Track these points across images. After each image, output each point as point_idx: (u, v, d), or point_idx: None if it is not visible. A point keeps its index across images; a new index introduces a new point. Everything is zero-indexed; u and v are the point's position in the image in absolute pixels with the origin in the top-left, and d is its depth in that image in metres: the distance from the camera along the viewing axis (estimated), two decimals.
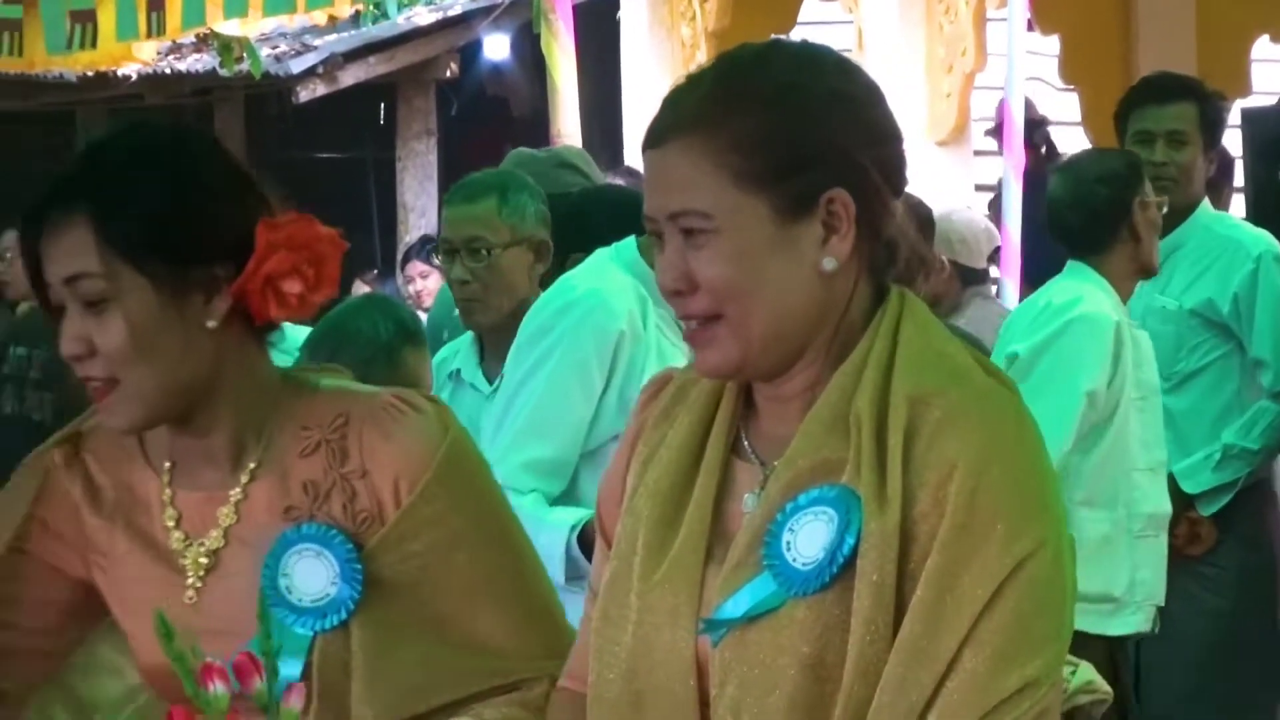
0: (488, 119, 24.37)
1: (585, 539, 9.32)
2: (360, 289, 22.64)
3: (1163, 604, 11.92)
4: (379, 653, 5.05)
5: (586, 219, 12.27)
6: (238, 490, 5.13)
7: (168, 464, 5.19)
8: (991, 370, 4.96)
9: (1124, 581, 11.74)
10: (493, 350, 11.79)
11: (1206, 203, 13.04)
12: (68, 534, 5.27)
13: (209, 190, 5.17)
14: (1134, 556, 11.84)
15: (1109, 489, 12.01)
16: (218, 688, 4.58)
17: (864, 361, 4.75)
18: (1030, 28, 17.39)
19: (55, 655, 5.50)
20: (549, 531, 9.37)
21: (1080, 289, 11.94)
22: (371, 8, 21.42)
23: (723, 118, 4.71)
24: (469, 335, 12.35)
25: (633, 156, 19.14)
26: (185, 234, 4.99)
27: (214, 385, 5.12)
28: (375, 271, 26.53)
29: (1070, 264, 12.07)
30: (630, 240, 10.65)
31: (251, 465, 5.15)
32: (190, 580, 5.09)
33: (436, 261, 18.11)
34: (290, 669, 4.93)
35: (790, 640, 4.55)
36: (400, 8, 23.57)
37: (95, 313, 4.88)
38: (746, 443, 4.92)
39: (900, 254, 4.87)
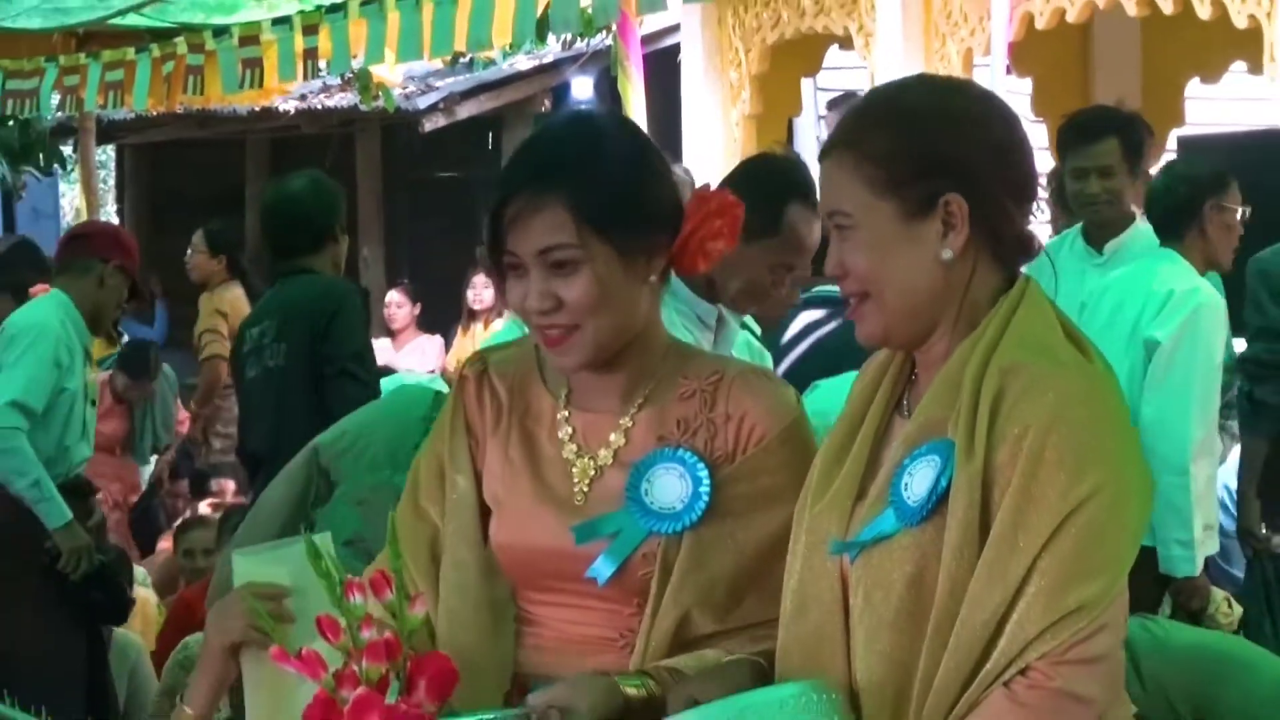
0: None
1: None
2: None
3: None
4: (697, 565, 5.07)
5: None
6: (627, 419, 5.22)
7: (565, 390, 5.29)
8: (1083, 346, 5.06)
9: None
10: None
11: (1141, 219, 12.51)
12: (477, 436, 5.35)
13: (655, 171, 5.34)
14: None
15: (1212, 441, 12.00)
16: (356, 599, 4.77)
17: (980, 336, 4.90)
18: (1009, 71, 16.88)
19: None
20: None
21: (1188, 274, 11.60)
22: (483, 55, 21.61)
23: (860, 135, 4.99)
24: None
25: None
26: (643, 209, 5.12)
27: (637, 330, 5.22)
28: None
29: (1161, 249, 11.83)
30: None
31: (640, 400, 5.23)
32: (577, 485, 5.17)
33: None
34: (607, 567, 5.06)
35: (898, 561, 4.79)
36: (505, 55, 23.87)
37: (564, 274, 4.99)
38: (905, 401, 5.11)
39: (1029, 248, 5.06)
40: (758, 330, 10.19)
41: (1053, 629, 4.71)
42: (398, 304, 24.03)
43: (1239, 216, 12.29)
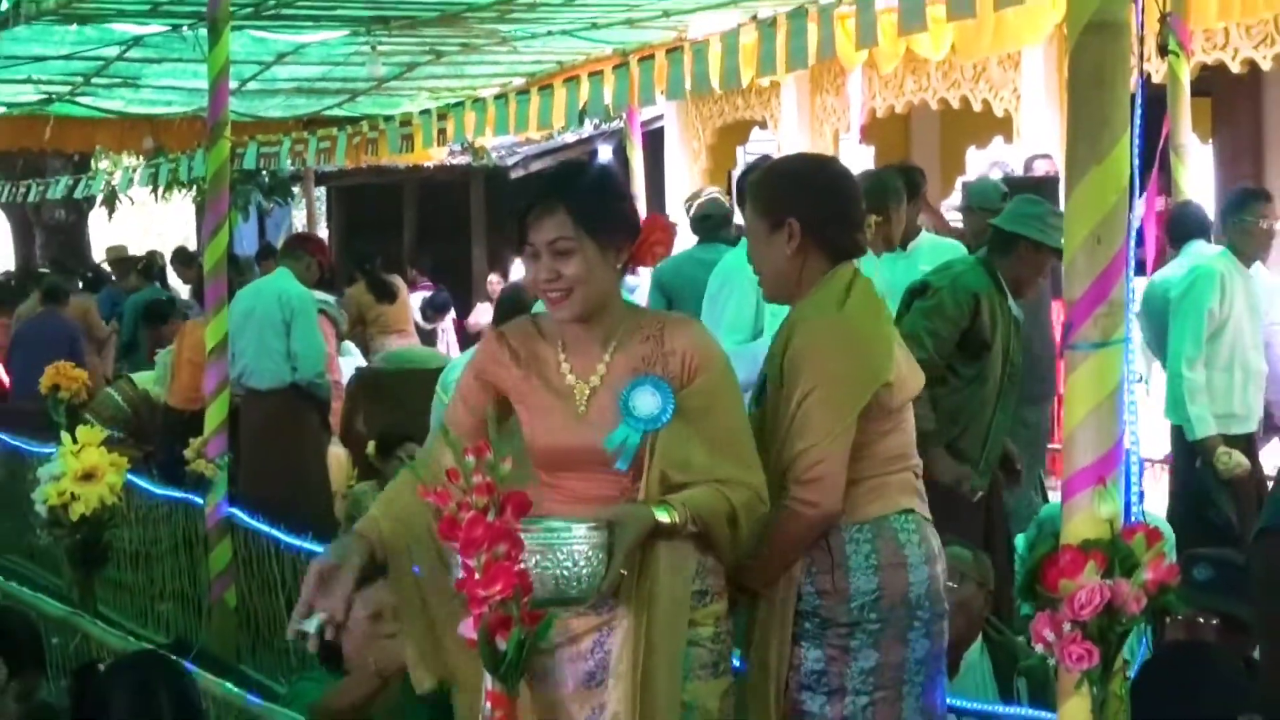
0: None
1: None
2: None
3: None
4: (674, 445, 4.96)
5: None
6: (607, 356, 5.10)
7: (560, 343, 5.15)
8: (846, 304, 5.36)
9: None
10: None
11: (925, 234, 10.94)
12: (498, 375, 5.18)
13: (623, 195, 5.45)
14: None
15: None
16: (469, 458, 4.71)
17: (802, 299, 5.42)
18: (860, 141, 16.97)
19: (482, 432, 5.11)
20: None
21: (1205, 258, 10.13)
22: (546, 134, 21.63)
23: (754, 185, 5.67)
24: None
25: (674, 212, 18.05)
26: (614, 219, 5.10)
27: (609, 299, 5.14)
28: None
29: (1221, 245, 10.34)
30: None
31: (613, 345, 5.11)
32: (579, 402, 5.07)
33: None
34: (624, 461, 4.97)
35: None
36: (559, 132, 22.42)
37: (564, 257, 4.96)
38: None
39: (850, 250, 5.41)
40: None
41: (793, 464, 5.17)
42: (494, 282, 22.96)
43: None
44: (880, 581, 5.21)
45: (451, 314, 23.13)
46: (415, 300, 21.34)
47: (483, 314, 22.20)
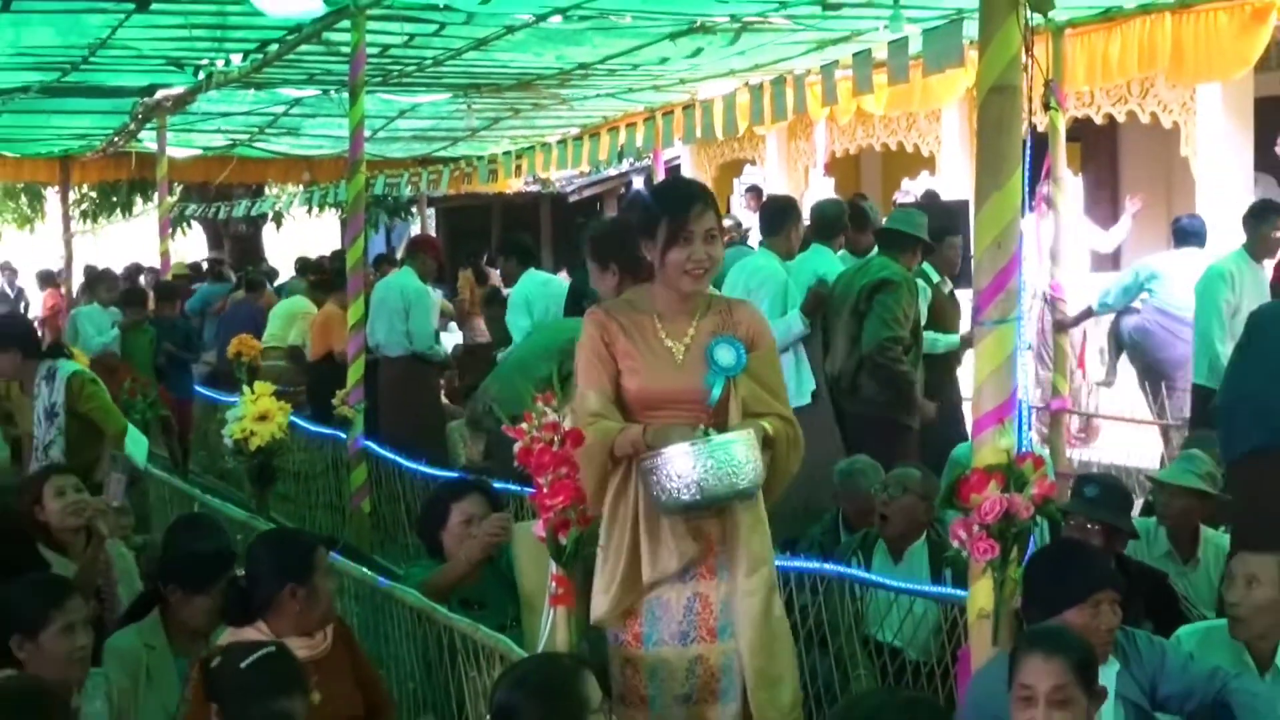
0: None
1: None
2: None
3: None
4: (751, 389, 4.75)
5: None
6: (692, 326, 4.85)
7: (655, 315, 4.86)
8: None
9: None
10: None
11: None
12: (612, 339, 4.83)
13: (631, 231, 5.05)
14: None
15: None
16: (539, 404, 4.79)
17: None
18: (825, 174, 16.66)
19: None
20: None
21: (1220, 258, 9.71)
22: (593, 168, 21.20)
23: (590, 240, 5.65)
24: None
25: None
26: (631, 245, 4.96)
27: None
28: None
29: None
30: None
31: (696, 316, 4.85)
32: (677, 356, 4.79)
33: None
34: (712, 398, 4.75)
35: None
36: (602, 167, 21.55)
37: (712, 244, 4.72)
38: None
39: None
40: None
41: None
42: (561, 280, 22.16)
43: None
44: None
45: None
46: None
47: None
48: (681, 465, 4.49)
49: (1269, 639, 5.03)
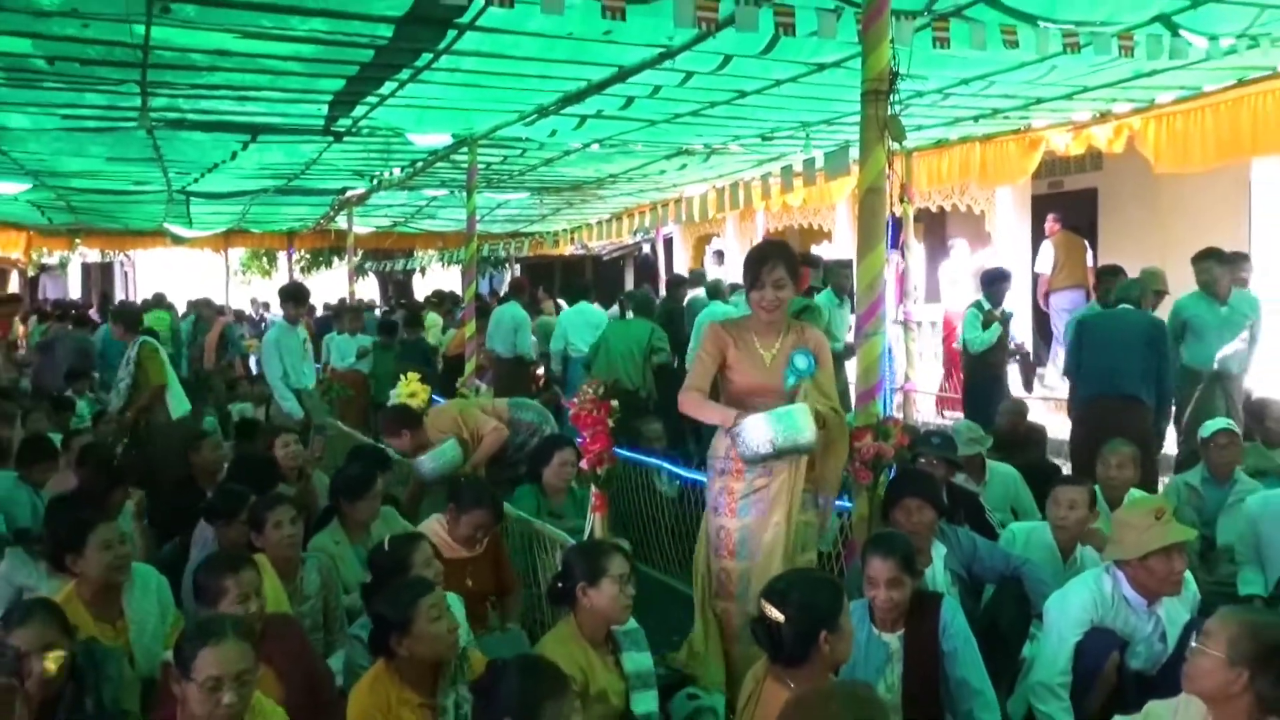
0: (649, 268, 21.87)
1: None
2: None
3: None
4: (817, 389, 4.38)
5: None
6: (778, 341, 4.44)
7: (754, 332, 4.45)
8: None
9: None
10: None
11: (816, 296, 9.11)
12: (722, 345, 4.45)
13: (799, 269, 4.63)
14: None
15: None
16: (586, 388, 4.63)
17: None
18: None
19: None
20: None
21: (1183, 296, 7.71)
22: (618, 239, 19.87)
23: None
24: None
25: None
26: (797, 278, 4.54)
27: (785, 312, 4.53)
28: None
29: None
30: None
31: (780, 334, 4.45)
32: (767, 361, 4.39)
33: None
34: (787, 384, 4.37)
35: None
36: (627, 239, 20.02)
37: (781, 288, 4.34)
38: None
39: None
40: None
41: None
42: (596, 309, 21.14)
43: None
44: None
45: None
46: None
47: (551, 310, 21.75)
48: (761, 429, 4.23)
49: (1072, 540, 4.90)
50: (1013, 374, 10.48)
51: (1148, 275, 7.66)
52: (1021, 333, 11.82)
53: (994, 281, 9.08)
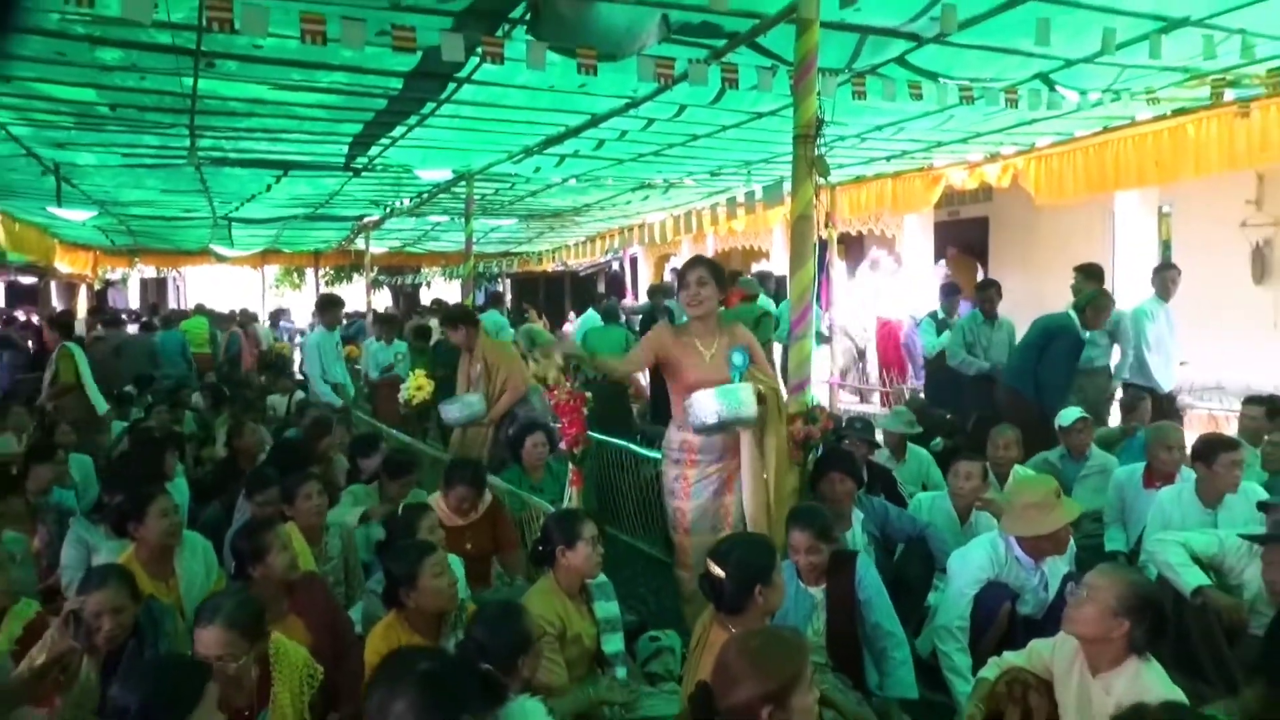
0: (618, 282, 21.24)
1: None
2: None
3: None
4: (756, 374, 4.21)
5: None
6: (715, 343, 4.25)
7: (693, 332, 4.27)
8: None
9: None
10: None
11: (761, 299, 8.87)
12: (663, 344, 4.24)
13: (720, 268, 4.28)
14: None
15: None
16: (566, 382, 4.33)
17: None
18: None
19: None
20: None
21: (1142, 301, 7.24)
22: (592, 258, 19.71)
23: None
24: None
25: (641, 293, 17.04)
26: (721, 281, 4.25)
27: (714, 313, 4.29)
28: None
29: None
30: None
31: (716, 335, 4.28)
32: (706, 359, 4.21)
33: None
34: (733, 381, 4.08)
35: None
36: (600, 258, 19.43)
37: (703, 286, 4.12)
38: None
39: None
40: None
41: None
42: (572, 318, 17.99)
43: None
44: None
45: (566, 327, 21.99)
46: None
47: (569, 327, 21.17)
48: (708, 402, 4.05)
49: (968, 507, 4.86)
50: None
51: (1097, 295, 7.19)
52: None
53: (949, 294, 8.93)
